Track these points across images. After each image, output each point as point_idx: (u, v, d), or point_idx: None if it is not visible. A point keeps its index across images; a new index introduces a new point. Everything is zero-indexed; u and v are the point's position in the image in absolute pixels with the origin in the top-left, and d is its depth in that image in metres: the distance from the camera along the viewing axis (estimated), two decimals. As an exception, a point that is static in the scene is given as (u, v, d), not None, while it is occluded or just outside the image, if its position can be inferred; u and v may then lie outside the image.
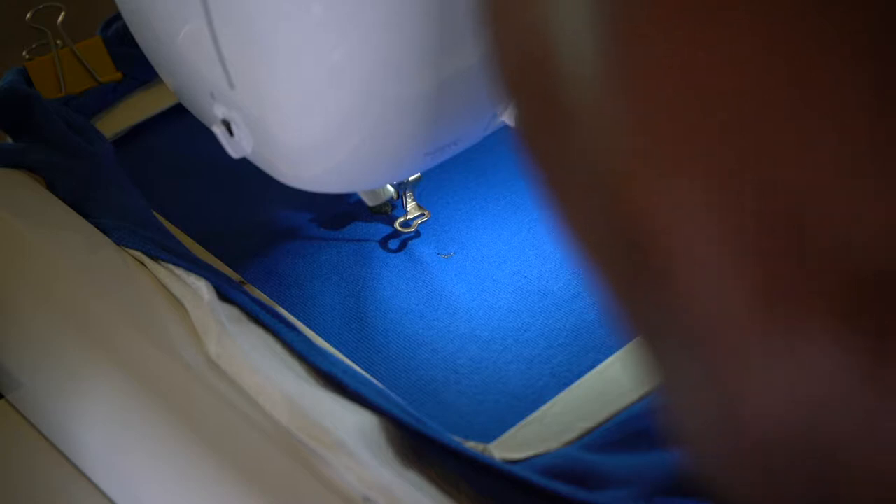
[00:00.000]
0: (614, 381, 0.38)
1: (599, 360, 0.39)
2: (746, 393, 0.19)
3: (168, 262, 0.37)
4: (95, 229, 0.39)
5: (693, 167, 0.18)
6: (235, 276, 0.42)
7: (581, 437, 0.36)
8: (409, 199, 0.43)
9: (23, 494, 0.34)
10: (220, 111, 0.33)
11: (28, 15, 0.49)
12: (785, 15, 0.17)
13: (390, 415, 0.33)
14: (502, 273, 0.43)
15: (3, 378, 0.37)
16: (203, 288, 0.36)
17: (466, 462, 0.33)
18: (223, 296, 0.37)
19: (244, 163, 0.35)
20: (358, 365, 0.38)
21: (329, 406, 0.33)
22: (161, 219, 0.44)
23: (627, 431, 0.36)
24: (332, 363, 0.35)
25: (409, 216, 0.44)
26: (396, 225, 0.44)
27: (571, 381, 0.38)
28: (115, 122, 0.50)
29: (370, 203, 0.44)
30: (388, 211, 0.45)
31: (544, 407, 0.37)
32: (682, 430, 0.22)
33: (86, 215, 0.40)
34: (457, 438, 0.34)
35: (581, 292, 0.42)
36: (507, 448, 0.35)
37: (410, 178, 0.42)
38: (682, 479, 0.34)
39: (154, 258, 0.38)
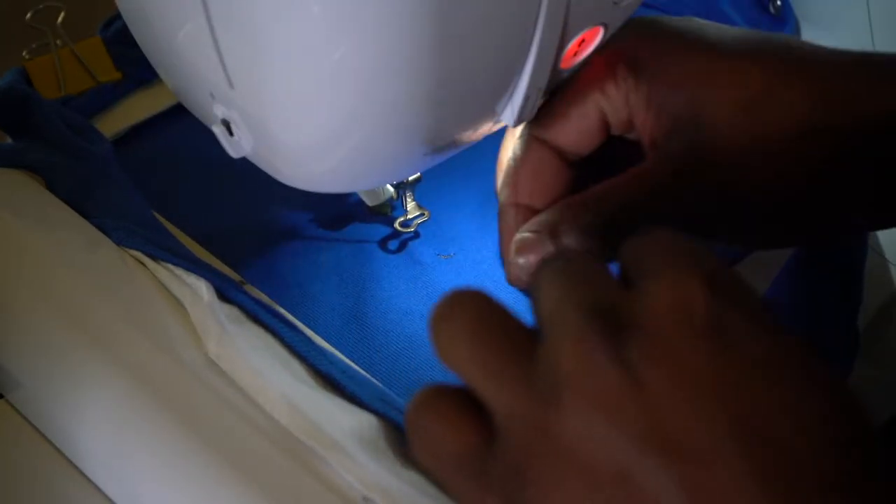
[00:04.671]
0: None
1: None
2: None
3: (168, 262, 0.37)
4: (95, 229, 0.39)
5: None
6: (235, 276, 0.42)
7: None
8: (408, 199, 0.43)
9: (23, 494, 0.34)
10: (219, 111, 0.33)
11: (28, 15, 0.49)
12: None
13: (387, 417, 0.33)
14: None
15: (3, 378, 0.37)
16: (203, 288, 0.36)
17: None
18: (223, 296, 0.37)
19: (244, 163, 0.35)
20: (358, 365, 0.38)
21: (327, 407, 0.33)
22: (161, 219, 0.44)
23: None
24: (332, 363, 0.35)
25: (409, 216, 0.44)
26: (396, 225, 0.44)
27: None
28: (115, 121, 0.50)
29: (370, 203, 0.44)
30: (388, 211, 0.45)
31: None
32: None
33: (86, 215, 0.40)
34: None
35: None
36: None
37: (410, 178, 0.42)
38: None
39: (154, 258, 0.38)
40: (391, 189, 0.43)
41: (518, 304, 0.42)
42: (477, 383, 0.24)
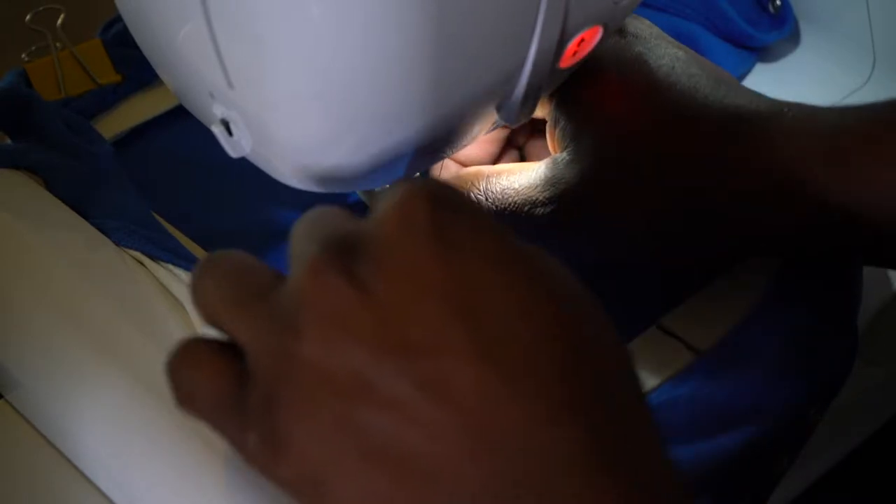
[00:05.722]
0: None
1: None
2: None
3: (168, 262, 0.37)
4: (95, 229, 0.39)
5: None
6: (235, 277, 0.42)
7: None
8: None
9: (23, 494, 0.34)
10: (219, 111, 0.33)
11: (28, 17, 0.49)
12: None
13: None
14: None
15: (3, 378, 0.37)
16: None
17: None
18: (223, 296, 0.37)
19: (244, 163, 0.35)
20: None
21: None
22: (161, 219, 0.44)
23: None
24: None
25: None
26: (396, 225, 0.44)
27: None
28: (115, 123, 0.50)
29: (370, 203, 0.44)
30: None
31: (544, 406, 0.37)
32: None
33: (86, 215, 0.40)
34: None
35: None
36: (507, 447, 0.35)
37: (410, 179, 0.42)
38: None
39: (154, 258, 0.38)
40: (391, 189, 0.43)
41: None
42: (228, 326, 0.25)
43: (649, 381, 0.38)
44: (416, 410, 0.22)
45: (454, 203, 0.25)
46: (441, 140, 0.34)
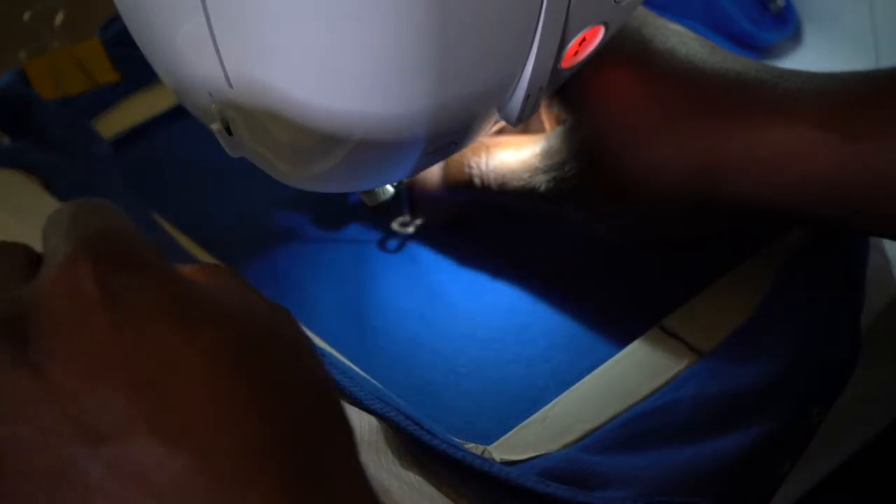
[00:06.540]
0: (615, 382, 0.38)
1: (600, 361, 0.39)
2: None
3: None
4: (94, 230, 0.39)
5: None
6: (235, 277, 0.42)
7: (582, 438, 0.36)
8: (408, 199, 0.43)
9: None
10: (218, 110, 0.33)
11: (26, 16, 0.49)
12: None
13: (387, 418, 0.33)
14: (502, 272, 0.43)
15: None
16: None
17: (465, 465, 0.33)
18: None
19: (244, 163, 0.35)
20: (357, 366, 0.38)
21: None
22: (161, 219, 0.43)
23: (628, 432, 0.36)
24: (332, 364, 0.35)
25: (409, 216, 0.43)
26: (395, 225, 0.44)
27: (572, 382, 0.38)
28: (115, 123, 0.50)
29: (370, 203, 0.44)
30: (387, 211, 0.44)
31: (545, 408, 0.37)
32: None
33: (84, 216, 0.40)
34: (457, 440, 0.34)
35: (582, 292, 0.42)
36: (508, 449, 0.35)
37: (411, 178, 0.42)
38: (682, 479, 0.34)
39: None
40: (391, 189, 0.43)
41: (518, 303, 0.42)
42: None
43: (651, 381, 0.37)
44: (113, 497, 0.21)
45: (121, 256, 0.23)
46: (443, 140, 0.34)
